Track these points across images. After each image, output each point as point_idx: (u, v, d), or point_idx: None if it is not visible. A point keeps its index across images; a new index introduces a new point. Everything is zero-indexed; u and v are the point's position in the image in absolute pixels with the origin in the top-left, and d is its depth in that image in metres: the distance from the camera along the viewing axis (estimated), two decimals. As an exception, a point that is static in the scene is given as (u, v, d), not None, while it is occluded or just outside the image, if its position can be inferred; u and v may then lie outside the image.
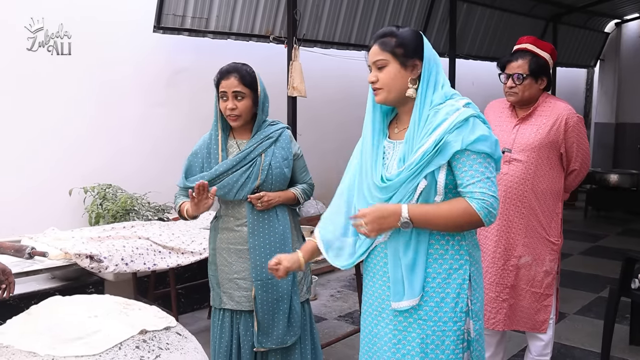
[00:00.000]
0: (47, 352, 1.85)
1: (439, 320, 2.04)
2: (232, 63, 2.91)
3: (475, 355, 2.11)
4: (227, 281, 2.94)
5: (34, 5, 4.30)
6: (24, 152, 4.55)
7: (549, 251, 3.29)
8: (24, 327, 2.01)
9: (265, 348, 2.92)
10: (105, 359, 1.86)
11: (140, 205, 4.63)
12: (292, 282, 2.93)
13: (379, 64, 2.10)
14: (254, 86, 2.86)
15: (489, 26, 8.69)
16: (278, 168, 2.88)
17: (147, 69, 5.32)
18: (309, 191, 3.07)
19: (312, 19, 6.20)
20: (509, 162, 3.23)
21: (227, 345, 2.97)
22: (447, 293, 2.04)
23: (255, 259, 2.88)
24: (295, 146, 3.00)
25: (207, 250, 3.83)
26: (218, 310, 2.99)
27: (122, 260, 3.47)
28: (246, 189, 2.84)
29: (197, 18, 5.34)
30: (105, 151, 5.04)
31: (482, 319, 2.16)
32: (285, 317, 2.91)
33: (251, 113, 2.89)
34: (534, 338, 3.40)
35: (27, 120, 4.57)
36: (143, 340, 1.99)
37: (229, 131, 2.97)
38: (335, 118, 6.69)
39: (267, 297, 2.87)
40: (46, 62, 4.55)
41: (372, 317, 2.19)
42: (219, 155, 2.89)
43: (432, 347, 2.05)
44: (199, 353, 2.15)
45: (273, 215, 2.91)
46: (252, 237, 2.89)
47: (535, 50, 3.21)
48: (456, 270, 2.04)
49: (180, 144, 5.46)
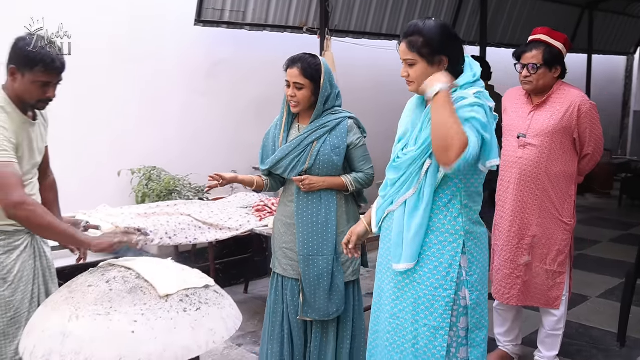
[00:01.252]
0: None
1: (431, 286, 2.30)
2: (301, 54, 3.08)
3: (472, 322, 2.36)
4: (278, 249, 3.23)
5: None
6: (81, 139, 4.87)
7: (562, 231, 3.47)
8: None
9: (309, 318, 3.17)
10: (154, 309, 2.18)
11: (182, 186, 4.94)
12: (334, 262, 3.12)
13: (408, 62, 2.33)
14: (316, 78, 3.02)
15: (521, 14, 8.64)
16: (326, 155, 3.06)
17: (189, 61, 5.57)
18: (363, 180, 3.16)
19: (344, 10, 6.38)
20: (524, 146, 3.43)
21: (281, 308, 3.24)
22: (440, 262, 2.29)
23: (299, 235, 3.13)
24: (353, 136, 3.10)
25: (243, 227, 4.16)
26: (273, 273, 3.28)
27: (166, 234, 3.80)
28: (295, 171, 3.08)
29: (235, 11, 5.58)
30: (151, 137, 5.33)
31: (480, 290, 2.37)
32: (326, 293, 3.12)
33: (310, 102, 3.07)
34: (548, 314, 3.60)
35: (84, 111, 4.88)
36: (186, 295, 2.30)
37: (297, 114, 3.19)
38: (366, 105, 6.80)
39: (308, 272, 3.12)
40: (102, 58, 4.90)
41: (380, 275, 2.48)
42: (280, 136, 3.15)
43: (422, 307, 2.32)
44: (234, 309, 2.45)
45: (317, 198, 3.11)
46: (297, 214, 3.13)
47: (549, 40, 3.38)
48: (450, 243, 2.29)
49: (220, 131, 5.77)
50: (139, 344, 2.08)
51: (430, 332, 2.31)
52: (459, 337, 2.36)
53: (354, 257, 2.81)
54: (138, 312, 2.16)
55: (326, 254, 3.10)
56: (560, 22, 9.40)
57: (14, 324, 2.61)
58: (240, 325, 2.44)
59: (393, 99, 2.47)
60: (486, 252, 2.43)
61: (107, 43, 5.03)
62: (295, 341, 3.23)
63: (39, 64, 2.47)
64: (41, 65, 2.48)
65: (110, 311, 2.15)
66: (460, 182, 2.28)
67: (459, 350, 2.37)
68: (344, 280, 3.18)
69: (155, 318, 2.15)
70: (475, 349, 2.38)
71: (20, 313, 2.63)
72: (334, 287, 3.14)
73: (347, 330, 3.24)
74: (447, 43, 2.30)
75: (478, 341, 2.38)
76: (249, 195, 4.96)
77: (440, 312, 2.30)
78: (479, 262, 2.37)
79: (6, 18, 2.96)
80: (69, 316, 2.16)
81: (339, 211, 3.15)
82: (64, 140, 4.73)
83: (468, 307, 2.34)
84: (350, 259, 3.14)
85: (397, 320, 2.37)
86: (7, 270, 2.57)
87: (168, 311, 2.19)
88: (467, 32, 8.04)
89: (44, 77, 2.51)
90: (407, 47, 2.32)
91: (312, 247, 3.10)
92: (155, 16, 5.28)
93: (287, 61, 3.08)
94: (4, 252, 2.57)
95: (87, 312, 2.16)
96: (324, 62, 3.08)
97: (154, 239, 3.74)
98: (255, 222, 4.29)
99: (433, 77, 2.22)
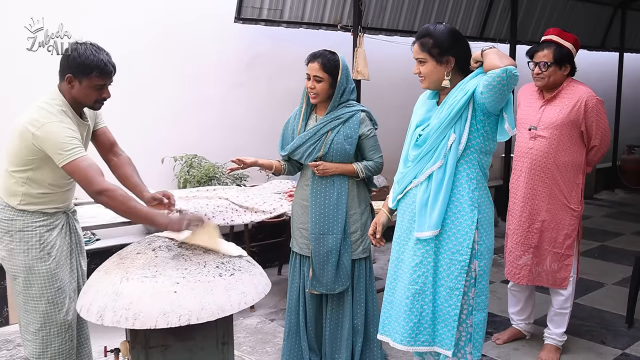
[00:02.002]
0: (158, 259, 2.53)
1: (449, 251, 2.63)
2: (322, 50, 3.38)
3: (479, 288, 2.68)
4: (296, 229, 3.56)
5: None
6: (131, 129, 5.09)
7: (570, 217, 3.71)
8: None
9: (317, 291, 3.48)
10: (194, 273, 2.50)
11: (221, 173, 5.21)
12: (342, 241, 3.42)
13: (420, 61, 2.69)
14: (334, 73, 3.33)
15: (552, 12, 8.69)
16: (339, 144, 3.36)
17: (229, 56, 5.81)
18: (373, 168, 3.44)
19: (377, 9, 6.55)
20: (535, 138, 3.68)
21: (297, 282, 3.58)
22: (458, 230, 2.62)
23: (311, 215, 3.44)
24: (365, 128, 3.39)
25: (276, 210, 4.48)
26: (292, 251, 3.61)
27: (205, 216, 4.13)
28: (311, 157, 3.40)
29: (273, 9, 5.81)
30: (193, 127, 5.60)
31: (487, 259, 2.69)
32: (333, 269, 3.42)
33: (327, 94, 3.38)
34: (556, 293, 3.84)
35: (134, 105, 5.17)
36: (222, 262, 2.63)
37: (315, 105, 3.50)
38: (396, 99, 6.98)
39: (318, 249, 3.42)
40: (151, 56, 5.22)
41: (399, 246, 2.80)
42: (299, 125, 3.47)
43: (441, 270, 2.65)
44: (263, 277, 2.75)
45: (330, 182, 3.42)
46: (311, 197, 3.44)
47: (559, 40, 3.62)
48: (467, 213, 2.61)
49: (257, 122, 6.02)
50: (180, 302, 2.35)
51: (447, 292, 2.63)
52: (470, 306, 2.66)
53: (364, 236, 3.14)
54: (180, 276, 2.45)
55: (335, 233, 3.39)
56: (592, 20, 9.43)
57: (60, 293, 2.93)
58: (273, 300, 2.70)
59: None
60: (492, 225, 2.74)
61: (156, 42, 5.32)
62: (309, 313, 3.56)
63: (94, 70, 2.75)
64: (96, 71, 2.76)
65: (156, 274, 2.46)
66: (476, 157, 2.60)
67: (468, 317, 2.68)
68: (355, 257, 3.47)
69: (195, 281, 2.45)
70: (479, 312, 2.69)
71: (65, 283, 2.95)
72: (340, 264, 3.42)
73: (360, 303, 3.52)
74: (455, 45, 2.62)
75: (482, 306, 2.69)
76: (282, 182, 5.29)
77: (456, 275, 2.61)
78: (488, 234, 2.68)
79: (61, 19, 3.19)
80: (120, 278, 2.47)
81: (350, 195, 3.43)
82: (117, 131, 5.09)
83: (477, 277, 2.65)
84: (360, 237, 3.45)
85: (416, 285, 2.67)
86: (51, 246, 2.89)
87: (206, 275, 2.49)
88: (498, 30, 8.11)
89: (100, 81, 2.79)
90: (419, 48, 2.66)
91: (322, 226, 3.41)
92: (199, 15, 5.55)
93: (308, 56, 3.38)
94: (47, 231, 2.89)
95: (135, 275, 2.46)
96: (342, 59, 3.37)
97: (194, 219, 4.06)
98: (288, 206, 4.56)
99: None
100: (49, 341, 2.92)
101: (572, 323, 4.05)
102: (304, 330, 3.57)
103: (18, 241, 2.84)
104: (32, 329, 2.91)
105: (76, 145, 2.70)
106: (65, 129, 2.71)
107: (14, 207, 2.84)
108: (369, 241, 3.49)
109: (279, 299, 4.87)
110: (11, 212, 2.83)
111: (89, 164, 2.69)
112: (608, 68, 10.27)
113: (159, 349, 2.56)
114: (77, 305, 2.58)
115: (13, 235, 2.84)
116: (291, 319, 3.60)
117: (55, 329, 2.92)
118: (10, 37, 4.18)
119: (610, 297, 5.04)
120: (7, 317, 4.47)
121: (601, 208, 8.81)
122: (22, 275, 2.86)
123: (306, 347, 3.56)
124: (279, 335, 4.19)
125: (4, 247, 2.87)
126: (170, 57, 5.44)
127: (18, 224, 2.83)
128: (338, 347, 3.55)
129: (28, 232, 2.84)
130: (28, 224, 2.84)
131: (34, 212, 2.85)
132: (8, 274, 2.95)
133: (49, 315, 2.90)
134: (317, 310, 3.58)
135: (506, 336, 4.10)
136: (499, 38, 7.98)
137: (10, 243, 2.85)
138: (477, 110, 2.56)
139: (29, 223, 2.84)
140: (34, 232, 2.85)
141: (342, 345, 3.53)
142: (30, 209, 2.85)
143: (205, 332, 2.60)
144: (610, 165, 10.20)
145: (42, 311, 2.89)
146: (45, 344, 2.91)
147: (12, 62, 4.44)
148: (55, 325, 2.92)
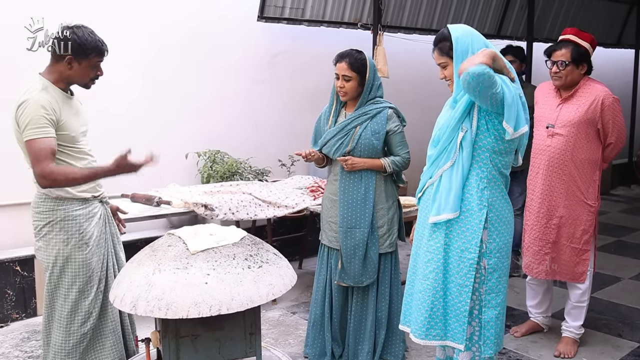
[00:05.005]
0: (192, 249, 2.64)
1: (458, 249, 2.71)
2: (348, 49, 3.49)
3: (489, 285, 2.73)
4: (325, 222, 3.66)
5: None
6: (156, 126, 5.30)
7: (587, 212, 3.77)
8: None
9: (345, 284, 3.58)
10: (224, 265, 2.60)
11: (243, 169, 5.33)
12: (370, 235, 3.51)
13: (442, 65, 2.77)
14: (362, 71, 3.43)
15: (569, 10, 8.70)
16: (367, 139, 3.46)
17: (252, 54, 5.93)
18: (400, 163, 3.51)
19: (396, 7, 6.64)
20: (552, 135, 3.74)
21: (325, 274, 3.68)
22: (467, 228, 2.69)
23: (340, 209, 3.54)
24: (392, 124, 3.47)
25: (299, 205, 4.59)
26: (321, 244, 3.72)
27: (229, 210, 4.23)
28: (340, 152, 3.50)
29: (294, 8, 5.92)
30: (216, 124, 5.71)
31: (499, 257, 2.73)
32: (360, 261, 3.51)
33: (356, 92, 3.49)
34: (573, 287, 3.90)
35: (160, 101, 5.31)
36: (250, 255, 2.73)
37: (345, 103, 3.61)
38: (415, 95, 7.07)
39: (347, 242, 3.52)
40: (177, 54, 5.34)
41: (417, 242, 2.90)
42: (329, 121, 3.58)
43: (451, 267, 2.73)
44: (290, 269, 2.85)
45: (358, 177, 3.51)
46: (340, 191, 3.54)
47: (576, 40, 3.67)
48: (476, 212, 2.68)
49: (278, 118, 6.13)
50: (210, 293, 2.46)
51: (457, 289, 2.71)
52: (482, 301, 2.74)
53: (391, 230, 3.22)
54: (210, 268, 2.56)
55: (363, 227, 3.49)
56: (608, 18, 9.43)
57: (89, 281, 3.03)
58: (295, 293, 2.79)
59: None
60: (509, 224, 2.77)
61: (182, 41, 5.45)
62: (334, 304, 3.66)
63: (93, 51, 2.90)
64: (95, 52, 2.91)
65: (187, 266, 2.56)
66: (488, 157, 2.66)
67: (481, 312, 2.75)
68: (382, 251, 3.56)
69: (225, 273, 2.56)
70: (488, 310, 2.73)
71: (95, 273, 3.05)
72: (367, 257, 3.52)
73: (384, 296, 3.62)
74: (472, 44, 2.69)
75: (493, 304, 2.73)
76: (304, 177, 5.40)
77: (465, 272, 2.69)
78: (500, 232, 2.72)
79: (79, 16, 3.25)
80: (152, 270, 2.57)
81: (378, 189, 3.52)
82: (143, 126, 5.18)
83: (487, 274, 2.72)
84: (387, 232, 3.55)
85: (427, 281, 2.76)
86: (89, 235, 3.00)
87: (235, 267, 2.60)
88: (515, 27, 8.14)
89: (98, 59, 2.94)
90: (438, 53, 2.75)
91: (350, 220, 3.51)
92: (223, 14, 5.67)
93: (336, 56, 3.48)
94: (86, 220, 3.00)
95: (167, 267, 2.57)
96: (369, 57, 3.47)
97: (219, 214, 4.17)
98: (310, 201, 4.69)
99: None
100: (72, 330, 3.01)
101: (589, 316, 4.11)
102: (329, 321, 3.67)
103: (58, 231, 2.94)
104: (58, 317, 3.01)
105: (44, 126, 2.76)
106: (40, 109, 2.76)
107: (51, 196, 2.93)
108: (396, 236, 3.63)
109: (300, 292, 4.98)
110: (51, 203, 2.93)
111: (44, 147, 2.74)
112: (624, 65, 10.29)
113: (189, 338, 2.67)
114: (110, 296, 2.69)
115: (54, 225, 2.94)
116: (317, 310, 3.71)
117: (80, 317, 3.02)
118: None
119: (626, 291, 5.10)
120: (35, 309, 4.60)
121: (617, 204, 8.85)
122: (59, 264, 2.97)
123: (329, 338, 3.66)
124: (300, 327, 4.30)
125: (41, 237, 2.97)
126: (196, 54, 5.56)
127: (59, 214, 2.93)
128: (361, 338, 3.64)
129: (68, 222, 2.94)
130: (68, 213, 2.94)
131: (69, 198, 2.95)
132: (42, 264, 3.05)
133: (77, 303, 3.00)
134: (343, 302, 3.68)
135: (524, 329, 4.18)
136: (516, 36, 8.02)
137: (49, 233, 2.95)
138: (480, 108, 2.63)
139: (69, 212, 2.94)
140: (74, 222, 2.95)
141: (365, 337, 3.62)
142: (64, 194, 2.93)
143: (234, 323, 2.72)
144: (626, 161, 10.22)
145: (72, 299, 2.99)
146: (69, 333, 3.01)
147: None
148: (80, 313, 3.02)
